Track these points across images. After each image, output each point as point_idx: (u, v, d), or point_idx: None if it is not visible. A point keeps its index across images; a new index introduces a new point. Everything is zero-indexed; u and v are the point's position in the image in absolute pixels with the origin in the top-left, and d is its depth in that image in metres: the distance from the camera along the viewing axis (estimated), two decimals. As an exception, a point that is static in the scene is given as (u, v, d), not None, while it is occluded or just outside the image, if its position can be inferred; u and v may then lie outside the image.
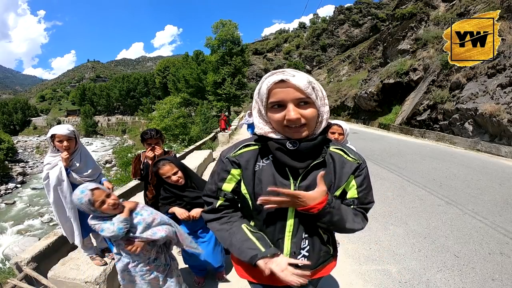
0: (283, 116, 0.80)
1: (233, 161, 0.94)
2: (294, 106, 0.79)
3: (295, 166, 0.86)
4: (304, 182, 0.89)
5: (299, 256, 0.95)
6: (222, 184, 0.96)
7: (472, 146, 8.36)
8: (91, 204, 1.32)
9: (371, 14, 50.27)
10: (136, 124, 51.88)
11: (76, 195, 1.33)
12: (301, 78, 0.78)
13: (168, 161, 1.80)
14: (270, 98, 0.81)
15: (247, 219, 1.01)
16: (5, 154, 27.75)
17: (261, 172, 0.91)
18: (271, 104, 0.81)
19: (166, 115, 16.35)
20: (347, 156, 0.94)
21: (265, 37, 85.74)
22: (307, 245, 0.95)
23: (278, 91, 0.79)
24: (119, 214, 1.40)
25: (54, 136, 1.88)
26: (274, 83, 0.78)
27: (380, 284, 2.25)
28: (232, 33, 26.48)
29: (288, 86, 0.78)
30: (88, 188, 1.34)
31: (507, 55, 8.68)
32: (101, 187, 1.39)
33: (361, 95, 18.37)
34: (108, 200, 1.37)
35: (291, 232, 0.93)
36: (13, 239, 12.80)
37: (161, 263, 1.62)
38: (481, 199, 4.03)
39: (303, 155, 0.85)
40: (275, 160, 0.89)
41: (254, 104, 0.90)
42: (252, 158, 0.93)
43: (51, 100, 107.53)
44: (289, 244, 0.93)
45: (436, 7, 17.28)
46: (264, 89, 0.81)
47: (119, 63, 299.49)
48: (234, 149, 0.96)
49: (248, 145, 0.95)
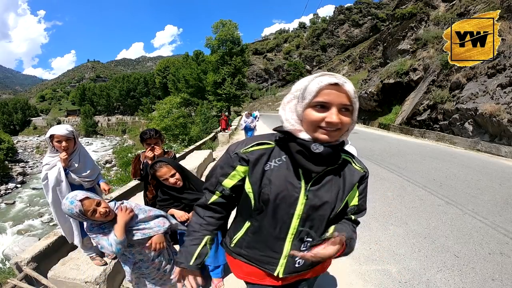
0: (323, 118, 0.79)
1: (242, 157, 0.91)
2: (338, 111, 0.79)
3: (311, 169, 0.85)
4: (315, 186, 0.89)
5: (297, 258, 0.94)
6: (224, 179, 0.95)
7: (472, 146, 8.36)
8: (82, 214, 1.30)
9: (371, 14, 50.26)
10: (136, 124, 51.90)
11: (65, 205, 1.29)
12: (351, 86, 0.80)
13: (165, 163, 1.76)
14: (317, 97, 0.79)
15: (242, 219, 1.00)
16: (5, 154, 27.77)
17: (272, 173, 0.89)
18: (316, 103, 0.79)
19: (166, 115, 16.36)
20: (355, 165, 0.97)
21: (265, 37, 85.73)
22: (307, 248, 0.95)
23: (329, 92, 0.78)
24: (115, 233, 1.37)
25: (53, 136, 1.87)
26: (328, 84, 0.77)
27: (380, 284, 2.25)
28: (232, 33, 26.50)
29: (341, 91, 0.78)
30: (77, 198, 1.30)
31: (507, 55, 8.67)
32: (90, 196, 1.35)
33: (361, 95, 18.36)
34: (99, 209, 1.34)
35: (293, 235, 0.92)
36: (13, 239, 12.80)
37: (165, 259, 1.63)
38: (481, 199, 4.03)
39: (321, 159, 0.84)
40: (290, 161, 0.88)
41: (291, 98, 0.87)
42: (263, 157, 0.91)
43: (51, 100, 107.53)
44: (289, 245, 0.93)
45: (436, 7, 17.27)
46: (314, 88, 0.79)
47: (119, 63, 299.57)
48: (245, 145, 0.93)
49: (262, 143, 0.93)
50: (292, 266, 0.96)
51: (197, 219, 1.02)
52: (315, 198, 0.88)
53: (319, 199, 0.89)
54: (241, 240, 1.00)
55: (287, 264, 0.95)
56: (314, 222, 0.91)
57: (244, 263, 1.02)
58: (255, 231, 0.96)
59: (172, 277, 0.97)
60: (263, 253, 0.96)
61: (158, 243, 1.51)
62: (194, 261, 0.98)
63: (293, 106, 0.86)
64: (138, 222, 1.49)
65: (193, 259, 0.98)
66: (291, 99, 0.87)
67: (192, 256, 0.98)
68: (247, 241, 0.99)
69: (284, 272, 0.96)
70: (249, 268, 1.01)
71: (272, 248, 0.95)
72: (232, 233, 1.05)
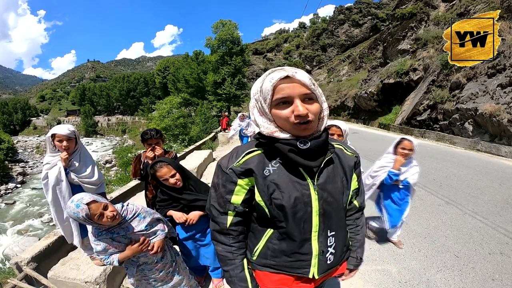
0: (291, 112, 0.78)
1: (239, 171, 0.88)
2: (301, 102, 0.78)
3: (310, 166, 0.85)
4: (320, 180, 0.89)
5: (327, 254, 0.95)
6: (231, 197, 0.91)
7: (472, 146, 8.36)
8: (88, 218, 1.25)
9: (371, 14, 50.21)
10: (136, 124, 51.85)
11: (71, 208, 1.23)
12: (304, 75, 0.79)
13: (166, 163, 1.75)
14: (275, 94, 0.79)
15: (261, 229, 0.98)
16: (5, 154, 27.75)
17: (274, 177, 0.87)
18: (277, 101, 0.79)
19: (166, 115, 16.34)
20: (346, 151, 0.99)
21: (265, 37, 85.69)
22: (333, 242, 0.96)
23: (284, 87, 0.77)
24: (119, 259, 1.39)
25: (54, 135, 1.87)
26: (279, 79, 0.77)
27: (380, 284, 2.25)
28: (232, 33, 26.46)
29: (294, 82, 0.77)
30: (83, 202, 1.24)
31: (507, 55, 8.67)
32: (98, 199, 1.31)
33: (361, 95, 18.36)
34: (106, 213, 1.29)
35: (317, 232, 0.91)
36: (13, 239, 12.79)
37: (168, 260, 1.64)
38: (481, 199, 4.03)
39: (314, 153, 0.84)
40: (287, 161, 0.87)
41: (254, 104, 0.86)
42: (259, 164, 0.88)
43: (51, 100, 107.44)
44: (316, 244, 0.92)
45: (436, 7, 17.26)
46: (268, 86, 0.78)
47: (119, 63, 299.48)
48: (236, 158, 0.91)
49: (252, 151, 0.91)
50: (324, 264, 0.95)
51: (224, 248, 0.98)
52: (325, 192, 0.89)
53: (328, 192, 0.90)
54: (264, 249, 0.96)
55: (319, 263, 0.94)
56: (332, 214, 0.92)
57: (271, 273, 0.98)
58: (279, 237, 0.93)
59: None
60: (292, 258, 0.94)
61: (161, 246, 1.52)
62: (252, 284, 0.99)
63: (259, 109, 0.85)
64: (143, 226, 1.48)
65: (249, 283, 0.99)
66: (254, 103, 0.86)
67: (247, 281, 0.99)
68: (272, 249, 0.95)
69: (319, 272, 0.95)
70: (278, 277, 0.98)
71: (300, 251, 0.92)
72: (252, 246, 1.00)
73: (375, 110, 17.56)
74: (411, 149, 2.30)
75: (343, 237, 1.01)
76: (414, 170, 2.52)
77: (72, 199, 1.26)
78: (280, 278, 0.97)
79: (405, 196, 2.57)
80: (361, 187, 1.08)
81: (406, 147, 2.30)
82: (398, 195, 2.57)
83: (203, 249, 1.98)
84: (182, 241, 1.96)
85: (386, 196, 2.65)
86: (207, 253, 1.99)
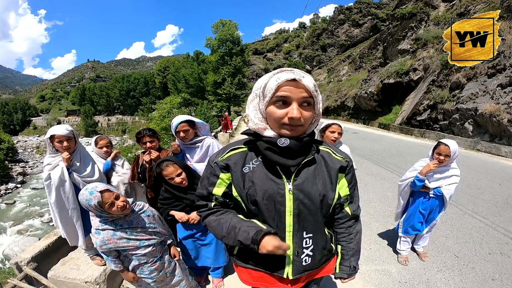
0: (285, 113, 0.79)
1: (221, 166, 0.93)
2: (298, 105, 0.79)
3: (286, 164, 0.85)
4: (297, 180, 0.89)
5: (302, 255, 0.94)
6: (213, 189, 0.96)
7: (472, 146, 8.36)
8: (100, 206, 1.30)
9: (371, 14, 50.21)
10: (136, 124, 51.86)
11: (84, 195, 1.29)
12: (310, 80, 0.80)
13: (172, 162, 1.74)
14: (276, 92, 0.80)
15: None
16: (5, 154, 27.72)
17: (252, 174, 0.90)
18: (276, 99, 0.80)
19: (166, 115, 16.36)
20: (335, 155, 0.97)
21: (265, 37, 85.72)
22: (311, 245, 0.95)
23: (287, 88, 0.78)
24: (118, 270, 1.48)
25: (54, 136, 1.84)
26: (286, 80, 0.78)
27: (380, 284, 2.25)
28: (232, 33, 26.49)
29: (299, 86, 0.78)
30: (97, 189, 1.30)
31: (507, 55, 8.67)
32: (111, 188, 1.37)
33: (361, 95, 18.36)
34: (117, 202, 1.35)
35: (291, 232, 0.92)
36: (13, 239, 12.78)
37: (167, 260, 1.64)
38: (481, 199, 4.03)
39: (294, 153, 0.85)
40: (265, 159, 0.89)
41: (253, 97, 0.88)
42: (240, 160, 0.92)
43: (51, 100, 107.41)
44: (291, 244, 0.92)
45: (436, 7, 17.26)
46: (272, 85, 0.79)
47: (119, 63, 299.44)
48: (222, 153, 0.95)
49: (236, 148, 0.95)
50: (300, 265, 0.95)
51: (215, 221, 0.95)
52: (301, 193, 0.88)
53: (305, 193, 0.89)
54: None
55: (294, 264, 0.95)
56: (307, 216, 0.91)
57: (251, 270, 1.00)
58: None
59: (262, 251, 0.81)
60: (267, 255, 0.92)
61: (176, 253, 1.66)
62: (266, 226, 0.87)
63: (256, 104, 0.87)
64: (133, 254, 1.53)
65: (261, 225, 0.87)
66: (253, 97, 0.88)
67: (257, 225, 0.87)
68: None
69: (293, 273, 0.95)
70: (258, 274, 1.00)
71: None
72: None
73: (375, 110, 17.56)
74: (448, 155, 2.02)
75: (323, 241, 0.99)
76: (451, 180, 2.19)
77: (86, 187, 1.33)
78: (261, 275, 1.00)
79: (435, 208, 2.30)
80: (355, 194, 1.03)
81: (442, 152, 2.04)
82: (425, 205, 2.31)
83: (203, 249, 1.98)
84: (182, 240, 1.96)
85: (413, 201, 2.44)
86: (207, 252, 1.99)
